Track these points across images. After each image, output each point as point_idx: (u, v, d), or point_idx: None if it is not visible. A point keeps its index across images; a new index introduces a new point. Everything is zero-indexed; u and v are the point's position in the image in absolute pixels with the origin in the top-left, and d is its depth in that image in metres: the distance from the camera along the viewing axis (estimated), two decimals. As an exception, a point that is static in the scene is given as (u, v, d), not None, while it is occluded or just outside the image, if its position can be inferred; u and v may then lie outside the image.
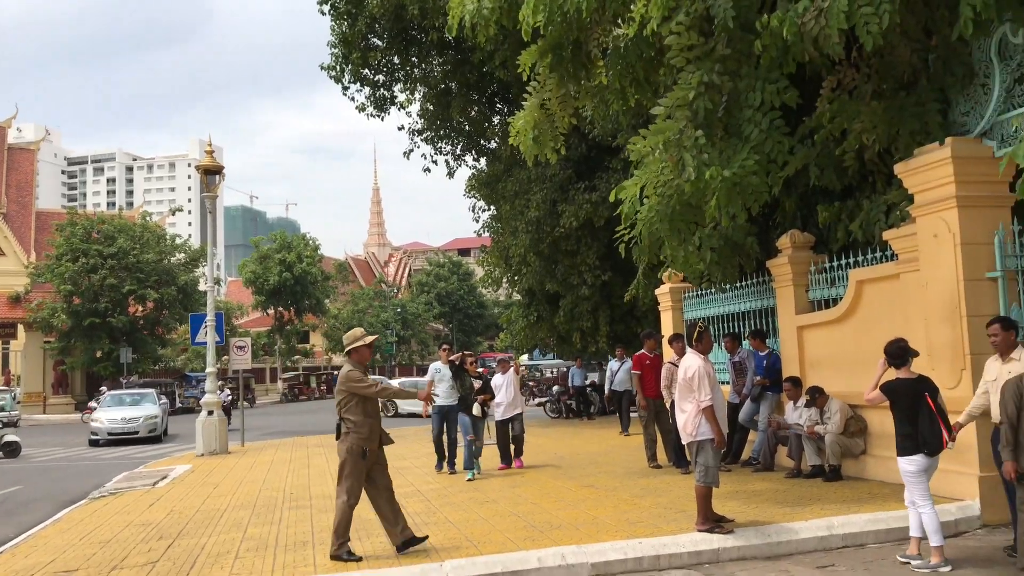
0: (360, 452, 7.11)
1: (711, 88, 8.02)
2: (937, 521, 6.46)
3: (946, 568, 6.27)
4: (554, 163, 18.98)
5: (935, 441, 6.44)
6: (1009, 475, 5.82)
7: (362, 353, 7.39)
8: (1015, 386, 5.87)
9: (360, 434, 7.11)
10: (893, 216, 9.24)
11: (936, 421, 6.47)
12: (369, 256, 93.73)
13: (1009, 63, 7.75)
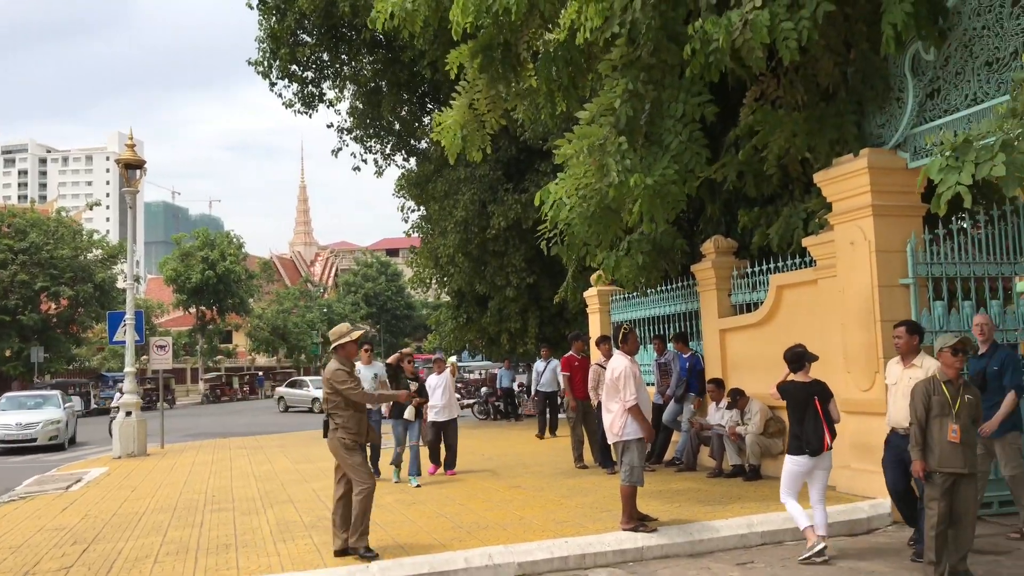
0: (354, 446, 7.01)
1: (635, 96, 8.19)
2: (799, 507, 6.92)
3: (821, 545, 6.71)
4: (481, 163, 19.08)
5: (817, 442, 6.78)
6: (918, 474, 6.07)
7: (348, 349, 7.22)
8: (924, 389, 6.13)
9: (349, 429, 6.99)
10: (812, 224, 9.56)
11: (820, 423, 6.81)
12: (295, 255, 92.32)
13: (922, 79, 8.10)
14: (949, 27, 7.73)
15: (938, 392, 6.06)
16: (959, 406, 5.97)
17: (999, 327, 8.25)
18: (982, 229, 8.42)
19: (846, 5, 8.02)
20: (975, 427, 6.10)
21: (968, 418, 5.98)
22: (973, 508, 6.03)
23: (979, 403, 6.14)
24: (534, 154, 18.97)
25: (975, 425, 6.12)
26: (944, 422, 5.98)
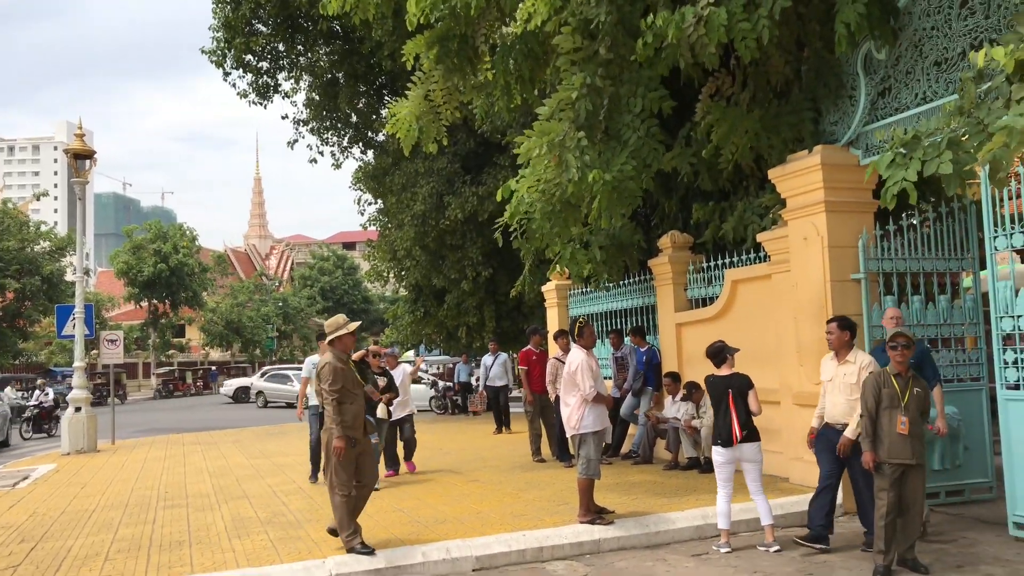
0: (347, 441, 6.80)
1: (593, 91, 8.22)
2: (727, 507, 7.05)
3: (726, 549, 6.92)
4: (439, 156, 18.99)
5: (727, 434, 6.99)
6: (868, 465, 6.21)
7: (345, 342, 7.03)
8: (874, 382, 6.27)
9: (343, 423, 6.80)
10: (767, 219, 9.69)
11: (730, 416, 7.01)
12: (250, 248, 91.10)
13: (874, 77, 8.25)
14: (900, 27, 7.88)
15: (888, 385, 6.21)
16: (908, 398, 6.12)
17: (947, 321, 8.46)
18: (931, 226, 8.61)
19: (800, 4, 8.13)
20: (923, 419, 6.22)
21: (916, 410, 6.12)
22: (920, 498, 6.18)
23: (927, 395, 6.26)
24: (492, 147, 18.95)
25: (923, 417, 6.26)
26: (893, 414, 6.13)
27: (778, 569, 6.40)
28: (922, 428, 6.20)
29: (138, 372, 61.01)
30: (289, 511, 8.78)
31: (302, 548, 7.03)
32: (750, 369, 9.73)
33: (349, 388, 6.85)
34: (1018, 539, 6.90)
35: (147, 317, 54.40)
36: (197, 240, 55.10)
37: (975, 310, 8.61)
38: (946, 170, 4.67)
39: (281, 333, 70.64)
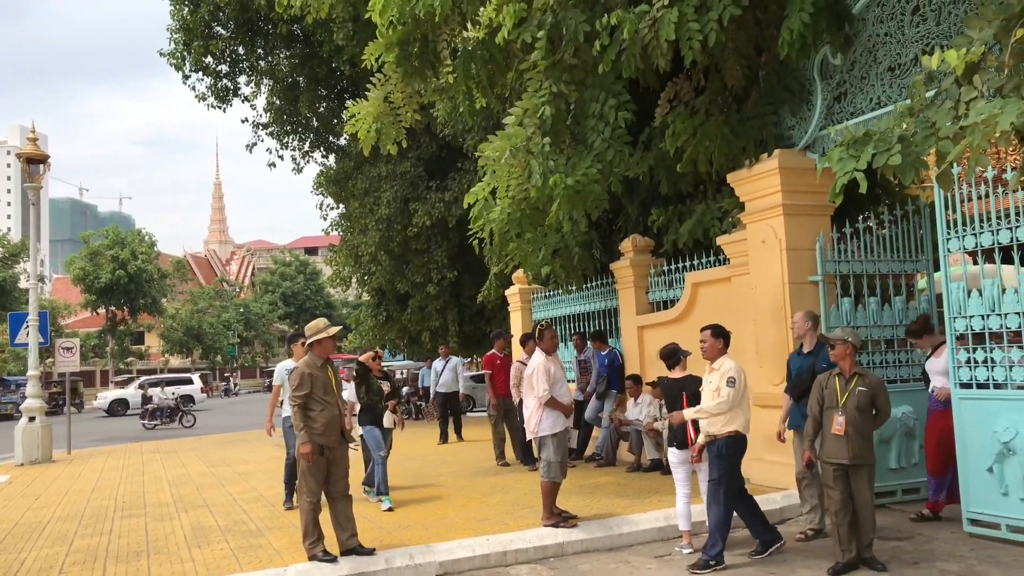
0: (315, 448, 6.65)
1: (559, 97, 8.26)
2: (686, 508, 7.09)
3: (688, 550, 6.96)
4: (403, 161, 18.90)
5: (681, 436, 7.03)
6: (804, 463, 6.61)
7: (325, 346, 6.87)
8: (819, 383, 6.45)
9: (313, 429, 6.67)
10: (726, 223, 9.80)
11: None
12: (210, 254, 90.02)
13: (830, 82, 8.38)
14: (855, 33, 8.02)
15: (830, 385, 6.33)
16: (846, 398, 6.22)
17: (902, 322, 8.61)
18: (886, 229, 8.76)
19: (757, 9, 8.24)
20: (864, 418, 6.24)
21: (855, 410, 6.19)
22: (867, 497, 6.20)
23: (874, 395, 6.25)
24: (455, 152, 18.93)
25: (879, 416, 6.33)
26: (831, 414, 6.25)
27: (739, 570, 6.45)
28: (865, 428, 6.22)
29: (96, 380, 59.92)
30: (250, 519, 8.67)
31: (263, 557, 6.95)
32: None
33: (320, 395, 6.72)
34: (972, 535, 7.03)
35: (105, 324, 53.49)
36: (156, 246, 54.34)
37: (930, 311, 8.77)
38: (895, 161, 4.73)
39: (243, 339, 69.87)
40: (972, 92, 4.88)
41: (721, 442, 6.53)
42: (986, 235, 6.95)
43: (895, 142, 4.71)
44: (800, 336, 7.34)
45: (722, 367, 6.67)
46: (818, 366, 7.00)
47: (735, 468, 6.56)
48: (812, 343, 7.29)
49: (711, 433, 6.56)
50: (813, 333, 7.29)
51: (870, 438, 6.29)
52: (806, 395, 6.90)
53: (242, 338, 69.41)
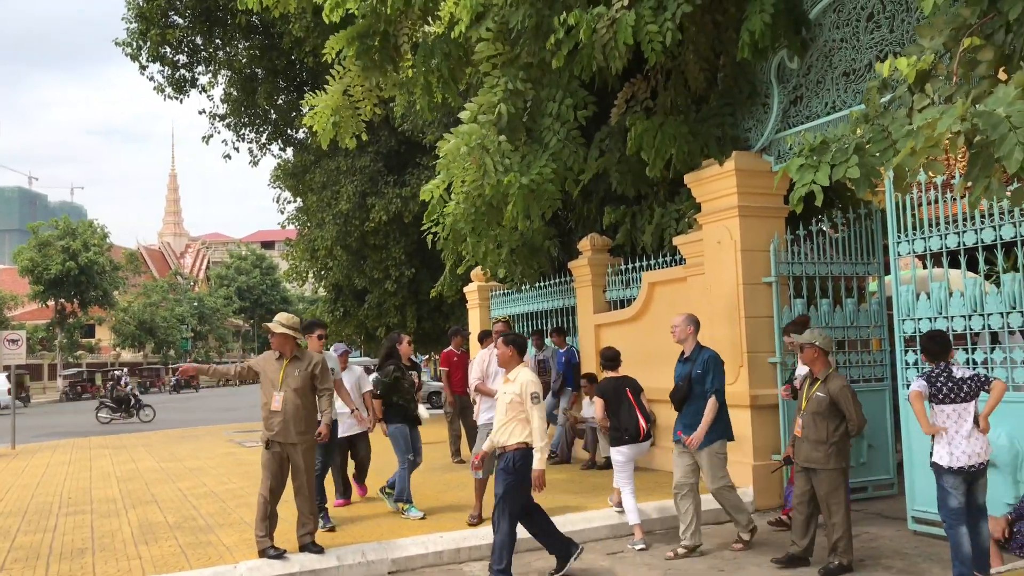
0: (264, 442, 6.61)
1: (515, 94, 8.27)
2: (634, 502, 7.29)
3: (641, 546, 7.08)
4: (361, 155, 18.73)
5: (634, 429, 7.20)
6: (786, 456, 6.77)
7: (277, 340, 6.75)
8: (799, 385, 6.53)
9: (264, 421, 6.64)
10: (682, 223, 9.88)
11: (634, 411, 7.25)
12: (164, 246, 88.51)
13: (786, 86, 8.49)
14: (812, 38, 8.14)
15: (803, 387, 6.45)
16: (806, 401, 6.32)
17: (853, 324, 8.76)
18: (839, 232, 8.90)
19: (716, 12, 8.32)
20: (819, 423, 6.22)
21: (810, 413, 6.25)
22: (829, 497, 6.22)
23: (829, 402, 6.20)
24: (415, 147, 18.83)
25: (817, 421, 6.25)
26: (798, 416, 6.37)
27: (691, 567, 6.51)
28: (819, 432, 6.19)
29: (43, 374, 58.60)
30: (200, 516, 8.54)
31: (213, 554, 6.85)
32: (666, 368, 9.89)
33: (267, 388, 6.66)
34: (916, 533, 7.19)
35: (53, 316, 52.27)
36: (108, 237, 53.18)
37: (880, 313, 8.94)
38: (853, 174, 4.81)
39: (196, 334, 68.85)
40: (924, 100, 4.98)
41: (510, 455, 5.99)
42: (935, 239, 7.10)
43: (851, 152, 4.78)
44: (680, 340, 6.97)
45: (519, 378, 6.07)
46: (694, 372, 6.78)
47: (525, 482, 6.00)
48: (691, 348, 6.96)
49: (501, 444, 6.05)
50: (695, 337, 6.97)
51: (827, 442, 6.18)
52: (687, 403, 6.79)
53: (196, 332, 68.38)
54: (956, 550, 5.43)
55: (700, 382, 6.75)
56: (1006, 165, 4.04)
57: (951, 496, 5.46)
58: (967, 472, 5.43)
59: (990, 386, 5.45)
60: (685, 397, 6.82)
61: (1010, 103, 4.18)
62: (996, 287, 6.74)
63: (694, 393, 6.78)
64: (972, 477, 5.47)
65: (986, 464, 5.51)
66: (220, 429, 20.50)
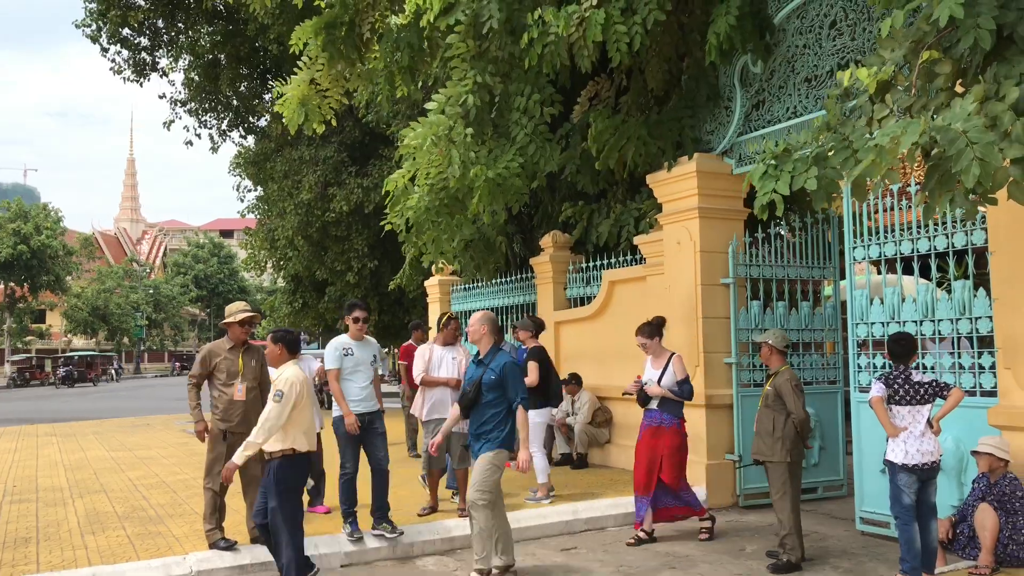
0: (217, 433, 6.49)
1: (483, 88, 8.24)
2: (545, 463, 8.21)
3: (547, 501, 7.84)
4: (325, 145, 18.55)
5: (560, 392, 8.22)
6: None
7: (233, 331, 6.66)
8: None
9: (215, 413, 6.52)
10: (643, 223, 9.95)
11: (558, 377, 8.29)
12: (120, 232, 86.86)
13: (749, 89, 8.58)
14: (775, 43, 8.23)
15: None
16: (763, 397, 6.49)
17: (808, 327, 8.88)
18: (796, 236, 9.02)
19: (682, 14, 8.37)
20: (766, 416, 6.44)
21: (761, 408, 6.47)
22: (775, 493, 6.42)
23: (775, 395, 6.42)
24: (378, 138, 18.71)
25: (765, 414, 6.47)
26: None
27: (643, 563, 6.56)
28: (765, 425, 6.40)
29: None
30: (150, 506, 8.42)
31: (162, 544, 6.75)
32: (624, 367, 10.01)
33: (224, 378, 6.57)
34: (864, 533, 7.32)
35: (3, 301, 51.06)
36: (63, 221, 52.09)
37: (834, 317, 9.08)
38: (811, 185, 4.89)
39: (151, 321, 67.73)
40: (884, 110, 5.07)
41: (275, 463, 5.59)
42: (889, 246, 7.23)
43: (811, 163, 4.87)
44: (475, 340, 6.18)
45: (280, 376, 5.71)
46: (486, 378, 5.97)
47: (296, 492, 5.66)
48: (486, 350, 6.13)
49: (268, 451, 5.62)
50: (490, 339, 6.15)
51: (773, 435, 6.38)
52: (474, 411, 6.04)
53: (151, 320, 67.27)
54: (908, 546, 5.57)
55: (492, 389, 5.94)
56: (963, 180, 4.14)
57: (904, 493, 5.61)
58: (920, 470, 5.59)
59: (948, 392, 5.63)
60: (472, 404, 6.05)
61: (967, 119, 4.27)
62: (947, 294, 6.88)
63: (484, 400, 5.98)
64: (925, 475, 5.62)
65: (938, 463, 5.67)
66: (172, 419, 20.20)
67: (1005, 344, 6.26)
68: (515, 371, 6.06)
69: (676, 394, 7.09)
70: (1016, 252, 6.20)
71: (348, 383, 7.02)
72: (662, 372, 7.13)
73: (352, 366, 7.02)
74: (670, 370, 7.12)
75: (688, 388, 7.16)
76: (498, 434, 5.97)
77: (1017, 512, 5.94)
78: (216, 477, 6.46)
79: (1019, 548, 5.90)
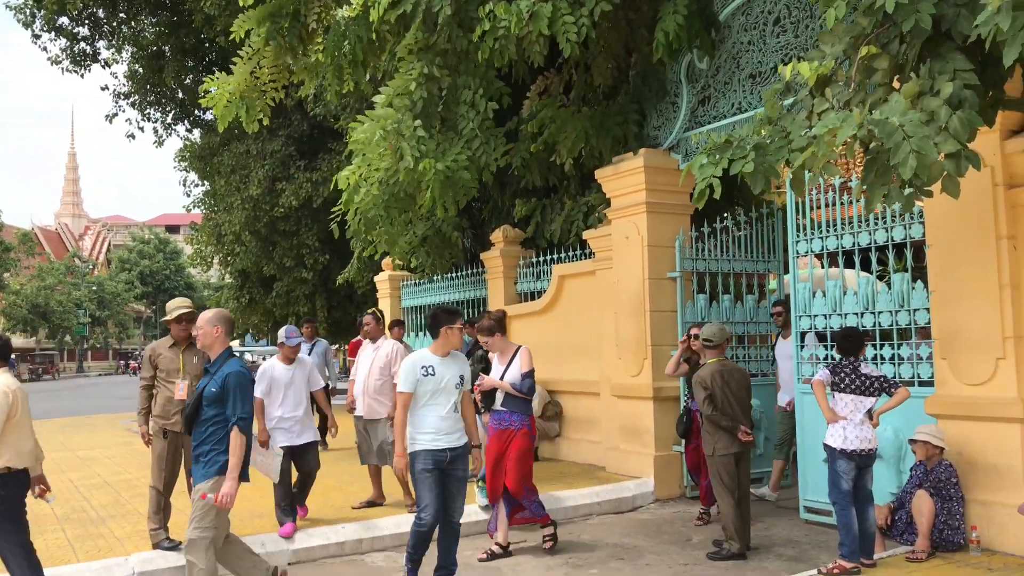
0: (158, 431, 6.35)
1: (431, 80, 8.21)
2: None
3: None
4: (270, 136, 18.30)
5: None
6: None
7: (172, 328, 6.53)
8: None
9: (154, 411, 6.40)
10: (592, 218, 10.01)
11: None
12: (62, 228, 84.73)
13: (695, 85, 8.67)
14: (721, 39, 8.32)
15: None
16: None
17: (753, 319, 9.02)
18: (742, 230, 9.15)
19: (629, 10, 8.43)
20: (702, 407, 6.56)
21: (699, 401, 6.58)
22: (712, 482, 6.61)
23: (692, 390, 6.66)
24: (326, 132, 18.51)
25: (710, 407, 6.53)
26: None
27: (590, 555, 6.61)
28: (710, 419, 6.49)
29: (-75, 358, 55.30)
30: (91, 507, 8.23)
31: (103, 546, 6.61)
32: (573, 361, 10.07)
33: (163, 377, 6.44)
34: (807, 522, 7.46)
35: (-63, 298, 49.53)
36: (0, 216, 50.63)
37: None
38: (748, 169, 4.96)
39: (94, 319, 66.23)
40: (824, 104, 5.16)
41: None
42: (831, 239, 7.36)
43: (750, 150, 4.93)
44: (207, 346, 5.29)
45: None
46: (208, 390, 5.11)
47: (17, 511, 4.91)
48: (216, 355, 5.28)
49: None
50: (223, 343, 5.32)
51: (703, 428, 6.63)
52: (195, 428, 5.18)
53: (94, 318, 65.77)
54: (846, 529, 5.72)
55: (213, 404, 5.08)
56: (900, 172, 4.24)
57: (842, 479, 5.76)
58: (858, 456, 5.76)
59: (896, 390, 5.80)
60: (191, 419, 5.19)
61: (904, 113, 4.37)
62: (887, 286, 7.04)
63: (203, 416, 5.12)
64: (862, 461, 5.80)
65: (875, 451, 5.85)
66: (117, 417, 19.78)
67: (941, 335, 6.43)
68: (242, 386, 5.07)
69: (516, 388, 6.43)
70: (951, 245, 6.37)
71: (424, 411, 5.49)
72: (506, 367, 6.55)
73: (432, 390, 5.50)
74: (515, 364, 6.50)
75: (529, 382, 6.43)
76: (218, 458, 5.04)
77: (952, 498, 6.11)
78: (159, 475, 6.35)
79: (954, 532, 6.07)
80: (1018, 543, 5.88)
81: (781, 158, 4.90)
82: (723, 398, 6.46)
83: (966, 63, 4.51)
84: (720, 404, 6.45)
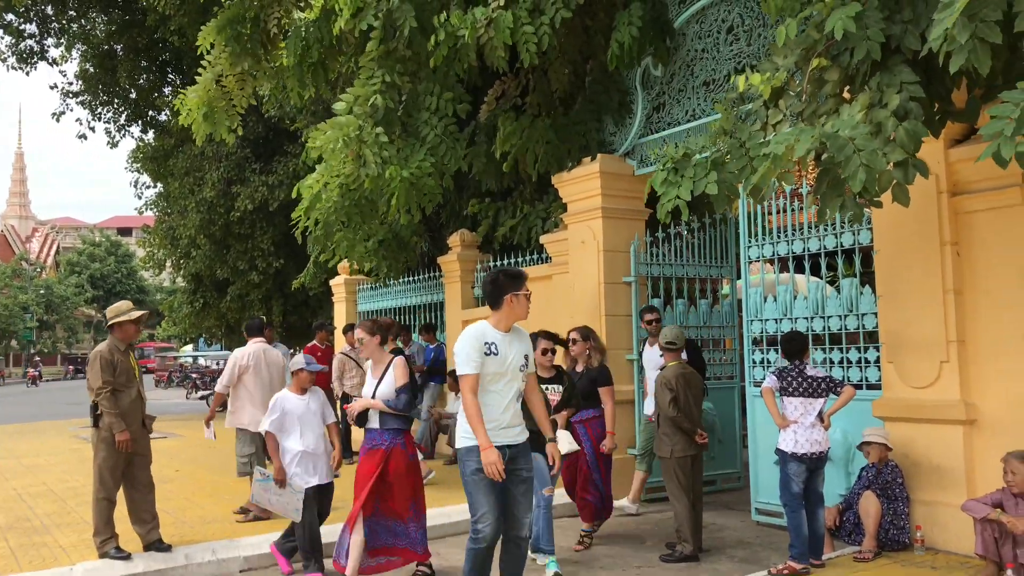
0: (109, 439, 6.19)
1: (392, 87, 8.20)
2: None
3: None
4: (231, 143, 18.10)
5: None
6: None
7: (126, 330, 6.38)
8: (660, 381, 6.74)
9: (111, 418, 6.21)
10: (549, 222, 10.06)
11: None
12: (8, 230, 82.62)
13: (650, 92, 8.77)
14: (675, 47, 8.43)
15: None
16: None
17: (707, 324, 9.13)
18: (696, 236, 9.27)
19: (586, 17, 8.49)
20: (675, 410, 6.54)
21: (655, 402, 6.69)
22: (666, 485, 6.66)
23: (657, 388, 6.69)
24: (282, 134, 18.33)
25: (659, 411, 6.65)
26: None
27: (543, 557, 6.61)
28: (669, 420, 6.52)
29: None
30: (35, 515, 8.05)
31: (47, 555, 6.47)
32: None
33: (122, 381, 6.30)
34: (759, 524, 7.57)
35: None
36: (-57, 217, 49.30)
37: (731, 314, 9.36)
38: (712, 191, 5.05)
39: (42, 324, 64.68)
40: (778, 115, 5.27)
41: None
42: (782, 245, 7.50)
43: (711, 168, 5.02)
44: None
45: None
46: None
47: None
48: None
49: None
50: None
51: (659, 430, 6.65)
52: None
53: (42, 322, 64.22)
54: (796, 532, 5.82)
55: None
56: (851, 185, 4.34)
57: (793, 482, 5.86)
58: (809, 459, 5.86)
59: (842, 389, 5.91)
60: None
61: (854, 126, 4.47)
62: (837, 291, 7.18)
63: None
64: (813, 464, 5.90)
65: (826, 454, 5.95)
66: (65, 424, 19.36)
67: (888, 339, 6.57)
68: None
69: (391, 406, 5.71)
70: (898, 251, 6.52)
71: (482, 399, 4.61)
72: (378, 381, 5.83)
73: (493, 372, 4.63)
74: (388, 377, 5.79)
75: (405, 398, 5.70)
76: None
77: (898, 498, 6.25)
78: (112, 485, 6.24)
79: (899, 532, 6.21)
80: (959, 541, 6.03)
81: (742, 177, 4.98)
82: (685, 400, 6.53)
83: (912, 75, 4.63)
84: (683, 406, 6.51)
